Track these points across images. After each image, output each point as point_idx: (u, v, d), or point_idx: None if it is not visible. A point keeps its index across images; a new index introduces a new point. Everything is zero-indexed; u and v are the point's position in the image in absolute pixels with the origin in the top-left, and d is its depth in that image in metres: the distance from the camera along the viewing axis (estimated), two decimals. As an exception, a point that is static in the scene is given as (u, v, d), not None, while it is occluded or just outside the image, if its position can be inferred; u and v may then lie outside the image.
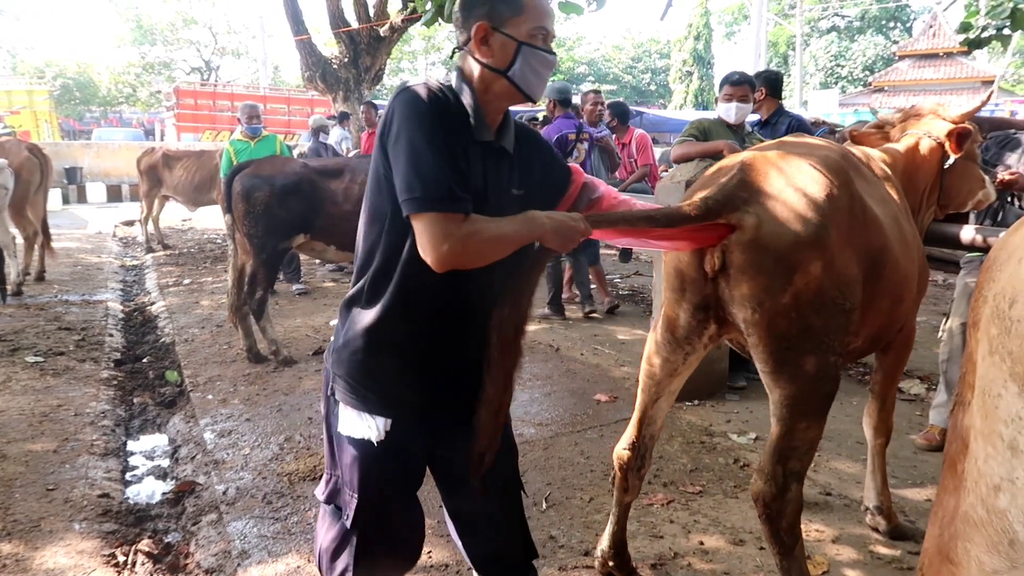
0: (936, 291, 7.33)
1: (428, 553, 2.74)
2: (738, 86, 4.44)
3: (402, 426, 1.71)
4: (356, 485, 1.72)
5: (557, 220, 1.64)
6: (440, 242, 1.49)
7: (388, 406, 1.70)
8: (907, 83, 30.27)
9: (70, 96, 39.53)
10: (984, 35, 5.77)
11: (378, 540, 1.77)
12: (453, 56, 1.75)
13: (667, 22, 69.95)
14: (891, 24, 41.80)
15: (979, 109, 2.95)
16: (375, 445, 1.70)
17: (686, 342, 2.29)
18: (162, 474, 3.79)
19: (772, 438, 2.14)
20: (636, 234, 1.96)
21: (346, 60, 12.43)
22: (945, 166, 2.89)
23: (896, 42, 36.83)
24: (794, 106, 25.79)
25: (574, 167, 1.98)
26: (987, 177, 3.12)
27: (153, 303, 7.38)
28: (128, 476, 3.74)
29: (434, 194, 1.49)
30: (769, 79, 4.98)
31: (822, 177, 2.11)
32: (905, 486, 3.34)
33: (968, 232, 3.01)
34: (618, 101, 8.12)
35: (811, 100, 29.10)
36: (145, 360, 5.63)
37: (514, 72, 1.65)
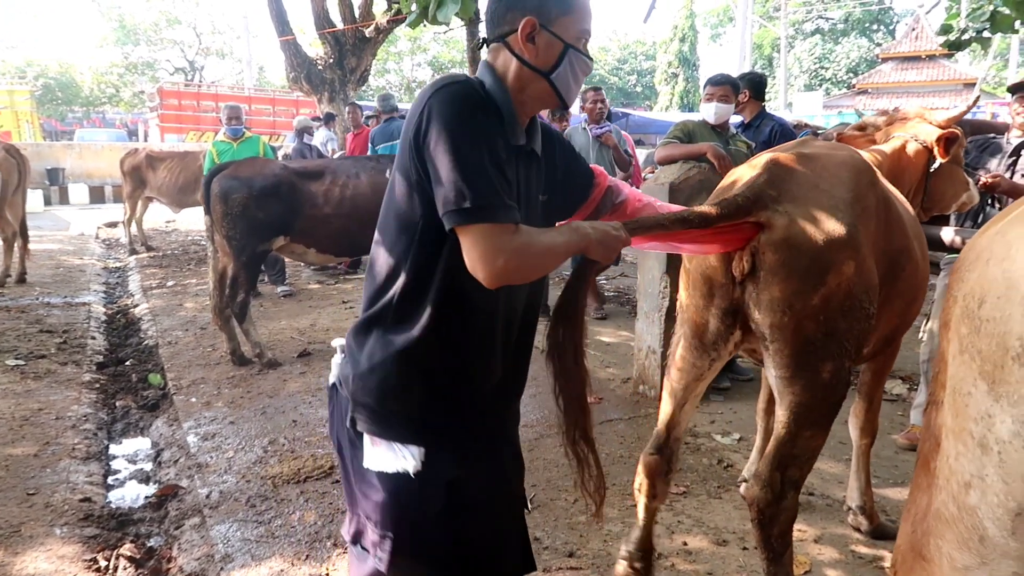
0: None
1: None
2: (719, 86, 4.47)
3: (436, 454, 1.55)
4: (390, 524, 1.55)
5: (601, 231, 1.54)
6: (494, 256, 1.35)
7: (422, 433, 1.55)
8: (890, 85, 30.59)
9: (52, 96, 39.13)
10: (965, 37, 5.83)
11: None
12: (481, 48, 1.61)
13: (652, 24, 70.18)
14: (874, 27, 42.17)
15: (965, 113, 2.98)
16: (412, 478, 1.52)
17: (713, 348, 2.25)
18: (145, 478, 3.76)
19: (773, 444, 2.11)
20: (667, 238, 1.87)
21: (331, 61, 12.39)
22: (931, 169, 2.92)
23: (879, 44, 37.19)
24: (779, 108, 26.03)
25: (597, 169, 1.87)
26: (970, 180, 3.16)
27: (136, 305, 7.32)
28: (110, 480, 3.71)
29: (486, 203, 1.35)
30: (753, 81, 5.01)
31: (849, 176, 2.09)
32: (887, 485, 3.37)
33: (949, 234, 3.05)
34: None
35: (795, 102, 29.32)
36: (128, 363, 5.59)
37: (557, 75, 1.54)
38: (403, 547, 1.55)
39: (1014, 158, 3.95)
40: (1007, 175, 3.86)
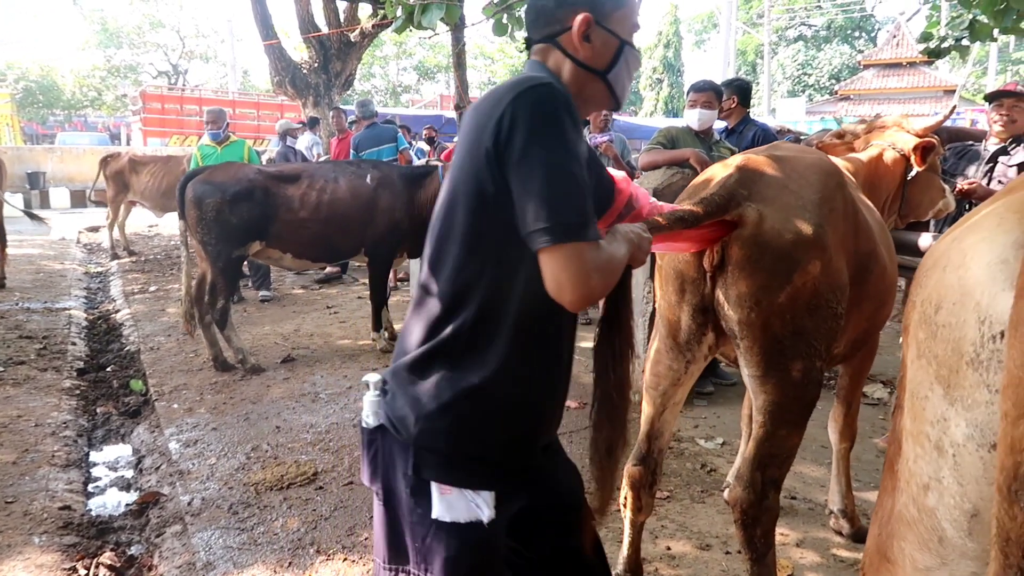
0: (897, 297, 7.46)
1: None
2: (702, 92, 4.50)
3: (507, 496, 1.42)
4: None
5: (636, 234, 1.46)
6: (587, 276, 1.22)
7: (496, 476, 1.40)
8: (872, 92, 30.87)
9: (33, 99, 38.68)
10: (944, 45, 5.89)
11: None
12: (529, 48, 1.49)
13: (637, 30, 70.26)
14: (856, 34, 42.56)
15: (943, 122, 3.03)
16: (485, 527, 1.37)
17: (687, 348, 2.27)
18: (126, 485, 3.72)
19: (752, 445, 2.15)
20: (666, 238, 1.88)
21: (316, 65, 12.35)
22: (908, 177, 2.97)
23: (861, 51, 37.53)
24: (763, 114, 26.20)
25: (617, 177, 1.75)
26: (947, 187, 3.21)
27: (118, 311, 7.26)
28: (90, 488, 3.67)
29: (581, 221, 1.22)
30: (740, 87, 5.05)
31: (818, 178, 2.14)
32: (868, 489, 3.40)
33: (926, 240, 3.09)
34: None
35: (779, 108, 29.51)
36: (109, 369, 5.53)
37: (613, 75, 1.43)
38: None
39: (991, 165, 4.02)
40: (984, 181, 3.92)
